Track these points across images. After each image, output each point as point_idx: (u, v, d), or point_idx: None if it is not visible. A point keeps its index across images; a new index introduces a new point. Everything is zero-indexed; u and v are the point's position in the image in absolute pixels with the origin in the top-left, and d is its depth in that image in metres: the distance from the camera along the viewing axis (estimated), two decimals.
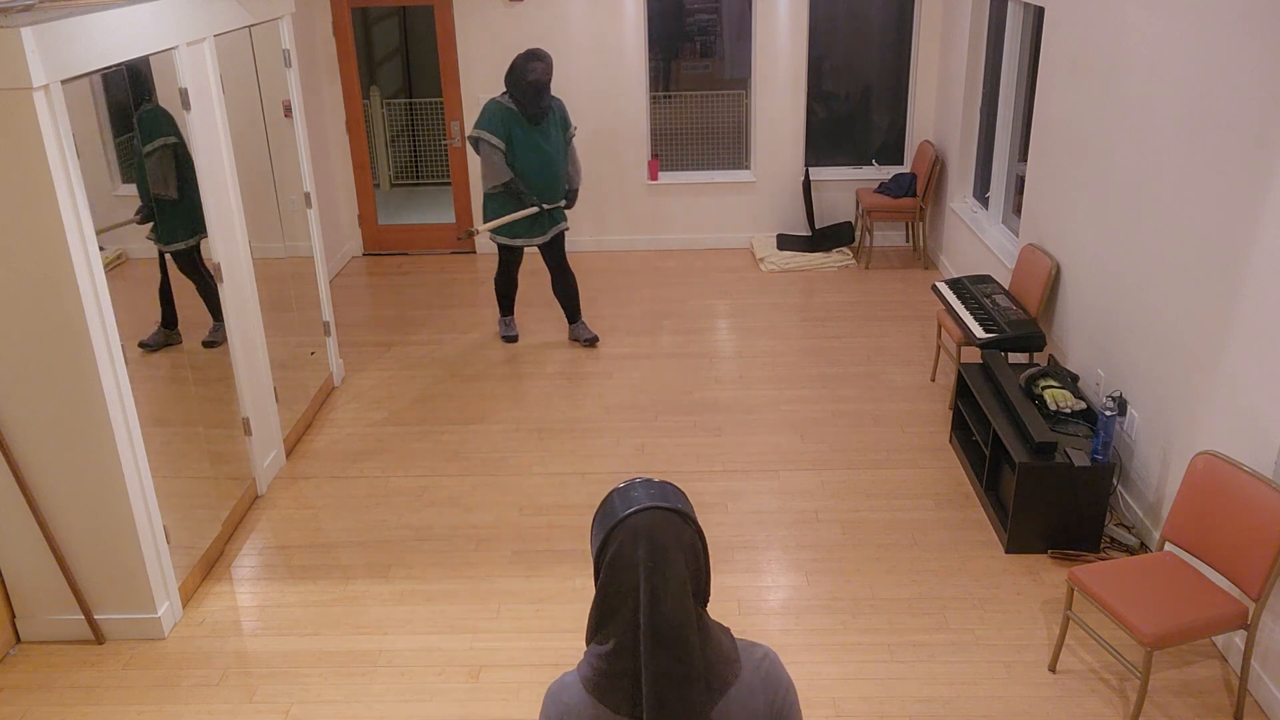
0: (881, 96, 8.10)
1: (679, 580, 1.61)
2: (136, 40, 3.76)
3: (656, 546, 1.62)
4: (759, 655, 1.72)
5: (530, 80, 5.82)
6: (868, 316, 6.78)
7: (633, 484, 1.71)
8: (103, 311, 3.53)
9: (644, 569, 1.61)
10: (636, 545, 1.62)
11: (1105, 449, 4.13)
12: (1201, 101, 3.86)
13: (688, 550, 1.65)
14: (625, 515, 1.64)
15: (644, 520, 1.63)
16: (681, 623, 1.60)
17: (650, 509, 1.64)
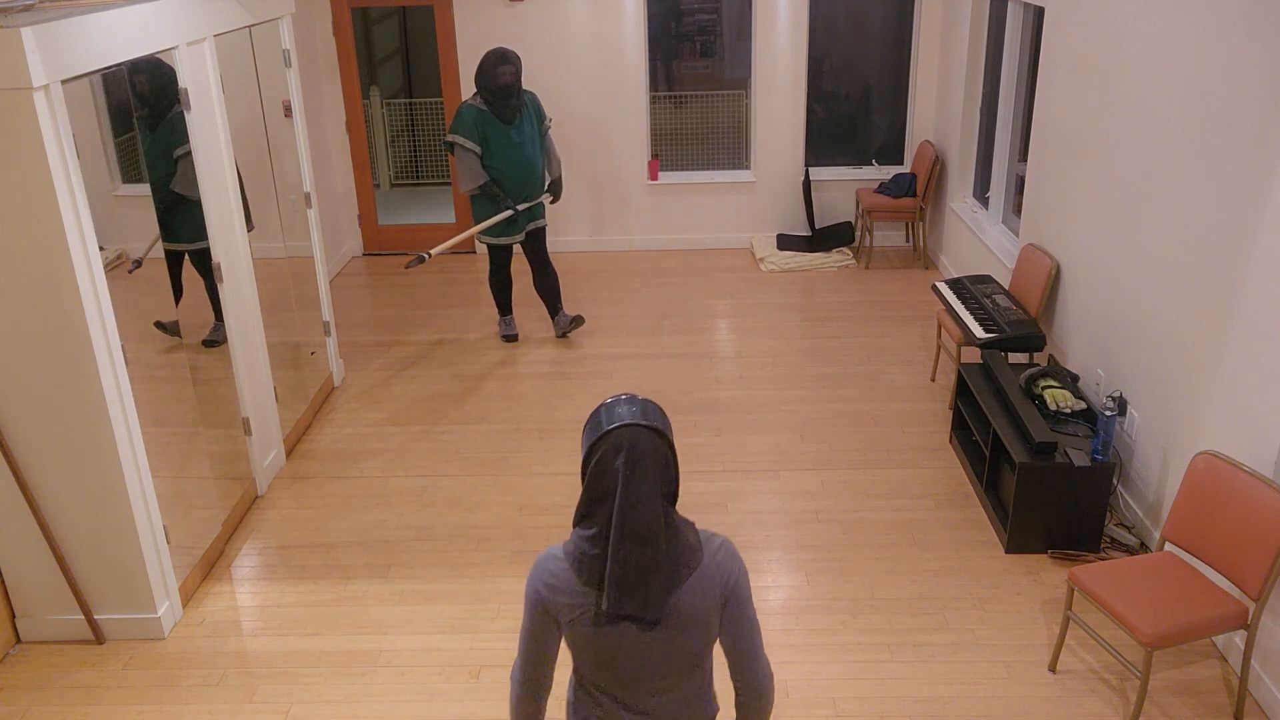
0: (881, 96, 8.10)
1: (651, 486, 1.92)
2: (136, 40, 3.76)
3: (634, 458, 1.91)
4: (716, 544, 2.02)
5: (501, 84, 5.86)
6: (868, 316, 6.78)
7: (618, 400, 2.00)
8: (103, 311, 3.53)
9: (622, 476, 1.90)
10: (617, 455, 1.92)
11: (1105, 449, 4.13)
12: (1201, 101, 3.86)
13: (660, 461, 1.94)
14: (609, 429, 1.93)
15: (625, 435, 1.92)
16: (651, 523, 1.91)
17: (631, 425, 1.93)
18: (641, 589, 1.92)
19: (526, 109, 6.04)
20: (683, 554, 1.96)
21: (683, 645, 1.98)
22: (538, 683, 2.06)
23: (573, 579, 1.96)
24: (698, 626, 1.97)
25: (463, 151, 5.95)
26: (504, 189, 6.06)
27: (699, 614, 1.97)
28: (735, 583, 2.00)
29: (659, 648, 1.98)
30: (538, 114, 6.13)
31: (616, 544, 1.91)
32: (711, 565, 1.99)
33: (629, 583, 1.91)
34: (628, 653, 1.98)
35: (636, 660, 1.99)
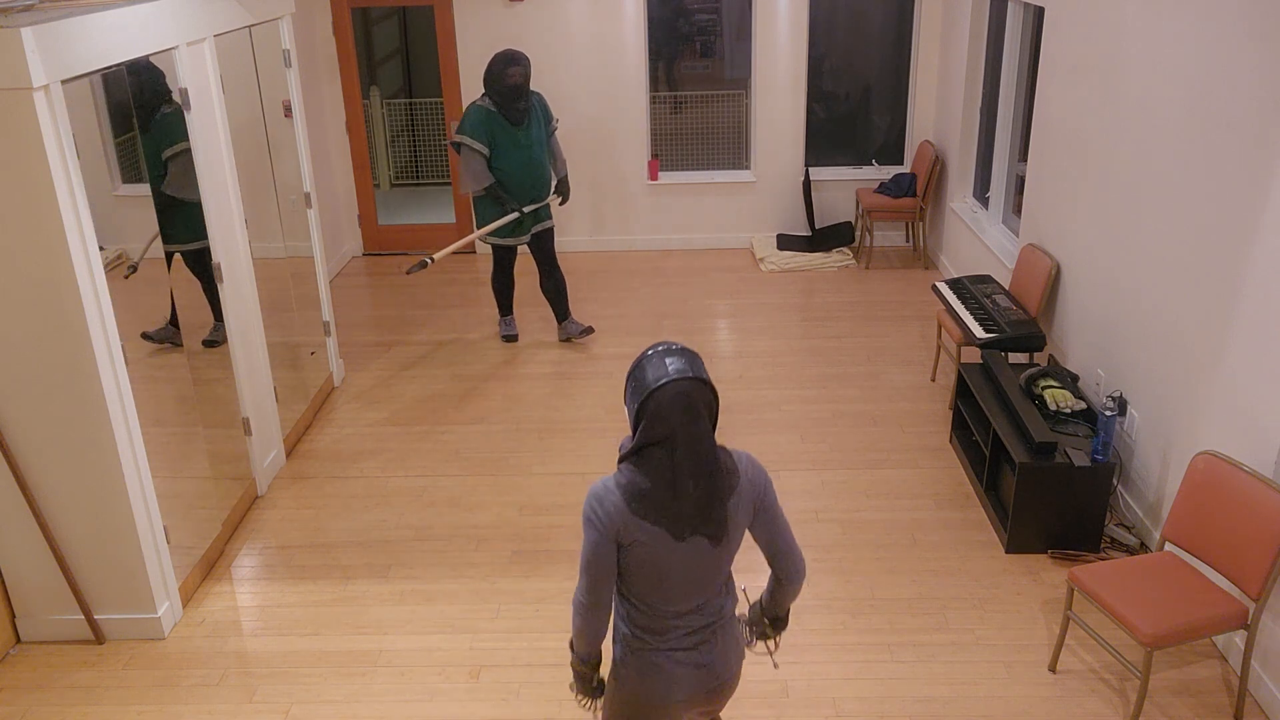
0: (881, 96, 8.10)
1: (706, 430, 2.27)
2: (136, 40, 3.76)
3: (692, 408, 2.24)
4: (745, 462, 2.37)
5: (509, 85, 5.81)
6: (868, 316, 6.78)
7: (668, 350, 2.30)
8: (103, 311, 3.53)
9: (683, 425, 2.23)
10: (674, 407, 2.22)
11: (1105, 449, 4.13)
12: (1201, 101, 3.86)
13: (709, 408, 2.29)
14: (663, 383, 2.23)
15: (682, 388, 2.23)
16: (710, 460, 2.27)
17: (686, 379, 2.24)
18: (708, 515, 2.28)
19: (535, 110, 6.00)
20: (728, 479, 2.31)
21: (728, 553, 2.35)
22: (603, 600, 2.36)
23: (625, 509, 2.26)
24: (739, 534, 2.34)
25: (469, 152, 5.91)
26: (510, 191, 6.02)
27: (740, 524, 2.34)
28: (765, 491, 2.37)
29: (712, 560, 2.33)
30: (545, 115, 6.10)
31: (684, 481, 2.25)
32: (745, 482, 2.33)
33: (701, 512, 2.27)
34: (686, 568, 2.31)
35: (690, 574, 2.33)
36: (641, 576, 2.33)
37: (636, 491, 2.27)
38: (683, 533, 2.28)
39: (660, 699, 2.43)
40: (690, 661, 2.42)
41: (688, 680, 2.42)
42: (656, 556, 2.30)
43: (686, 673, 2.42)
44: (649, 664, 2.42)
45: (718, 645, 2.45)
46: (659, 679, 2.41)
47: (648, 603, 2.38)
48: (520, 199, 6.06)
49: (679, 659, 2.41)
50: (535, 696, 3.60)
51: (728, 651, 2.47)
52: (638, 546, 2.29)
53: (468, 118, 5.91)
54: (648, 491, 2.26)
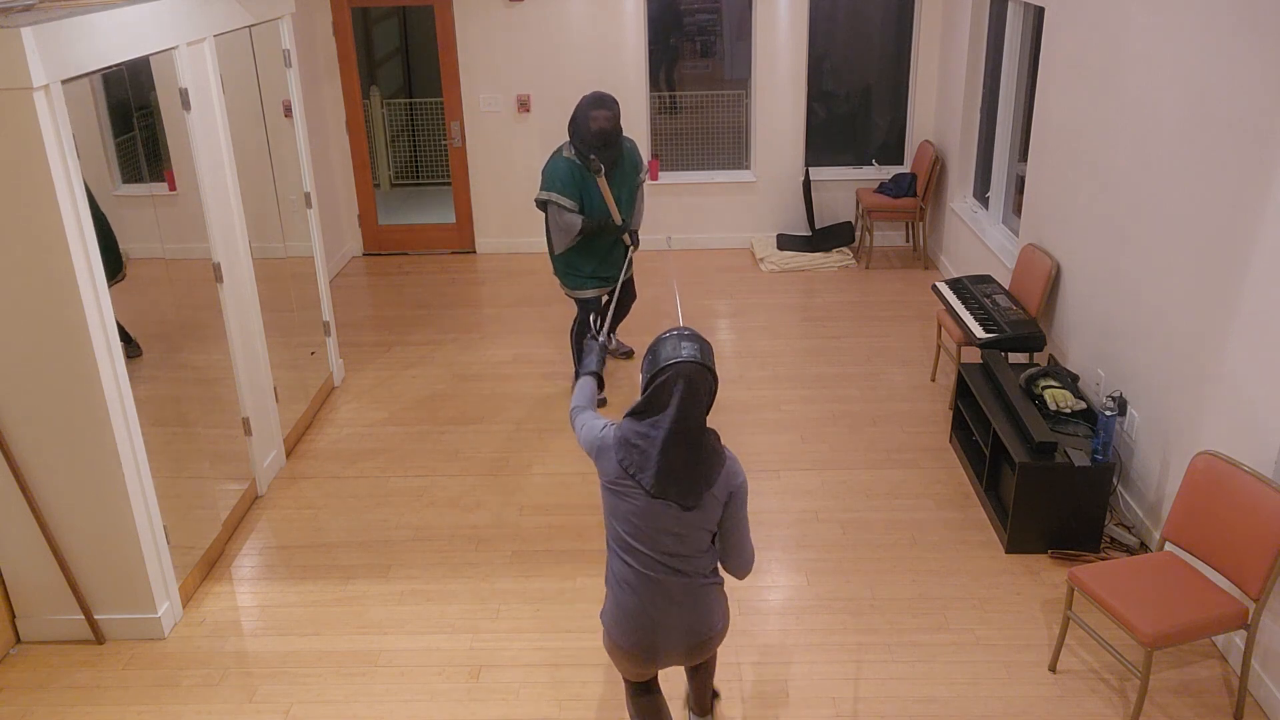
0: (881, 96, 8.10)
1: (700, 409, 2.68)
2: (136, 40, 3.76)
3: (691, 387, 2.66)
4: (731, 458, 2.76)
5: (595, 130, 5.15)
6: (868, 316, 6.78)
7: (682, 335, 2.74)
8: (103, 312, 3.53)
9: (679, 397, 2.65)
10: (677, 382, 2.66)
11: (1105, 449, 4.13)
12: (1201, 101, 3.86)
13: (708, 392, 2.71)
14: (675, 361, 2.68)
15: (686, 369, 2.67)
16: (696, 434, 2.66)
17: (692, 363, 2.67)
18: (683, 481, 2.65)
19: (624, 160, 5.37)
20: (714, 458, 2.70)
21: (700, 524, 2.71)
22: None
23: (614, 459, 2.70)
24: (712, 511, 2.71)
25: (558, 210, 5.24)
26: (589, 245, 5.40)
27: (714, 504, 2.70)
28: (739, 487, 2.75)
29: (683, 525, 2.69)
30: (634, 165, 5.45)
31: (668, 445, 2.64)
32: (726, 472, 2.72)
33: (675, 476, 2.64)
34: (659, 525, 2.69)
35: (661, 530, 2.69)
36: (620, 521, 2.72)
37: (629, 446, 2.68)
38: (658, 491, 2.65)
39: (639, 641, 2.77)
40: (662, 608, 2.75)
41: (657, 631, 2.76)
42: (633, 507, 2.69)
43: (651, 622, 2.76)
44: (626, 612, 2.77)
45: (692, 602, 2.76)
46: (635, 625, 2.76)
47: (626, 551, 2.74)
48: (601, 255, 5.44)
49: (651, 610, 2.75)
50: (535, 696, 3.60)
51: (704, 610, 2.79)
52: (618, 493, 2.70)
53: (551, 173, 5.25)
54: (638, 448, 2.67)
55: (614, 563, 2.79)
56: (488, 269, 7.91)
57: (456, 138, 7.95)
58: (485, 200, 8.14)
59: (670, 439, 2.64)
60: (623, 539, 2.73)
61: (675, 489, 2.64)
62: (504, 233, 8.24)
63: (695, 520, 2.68)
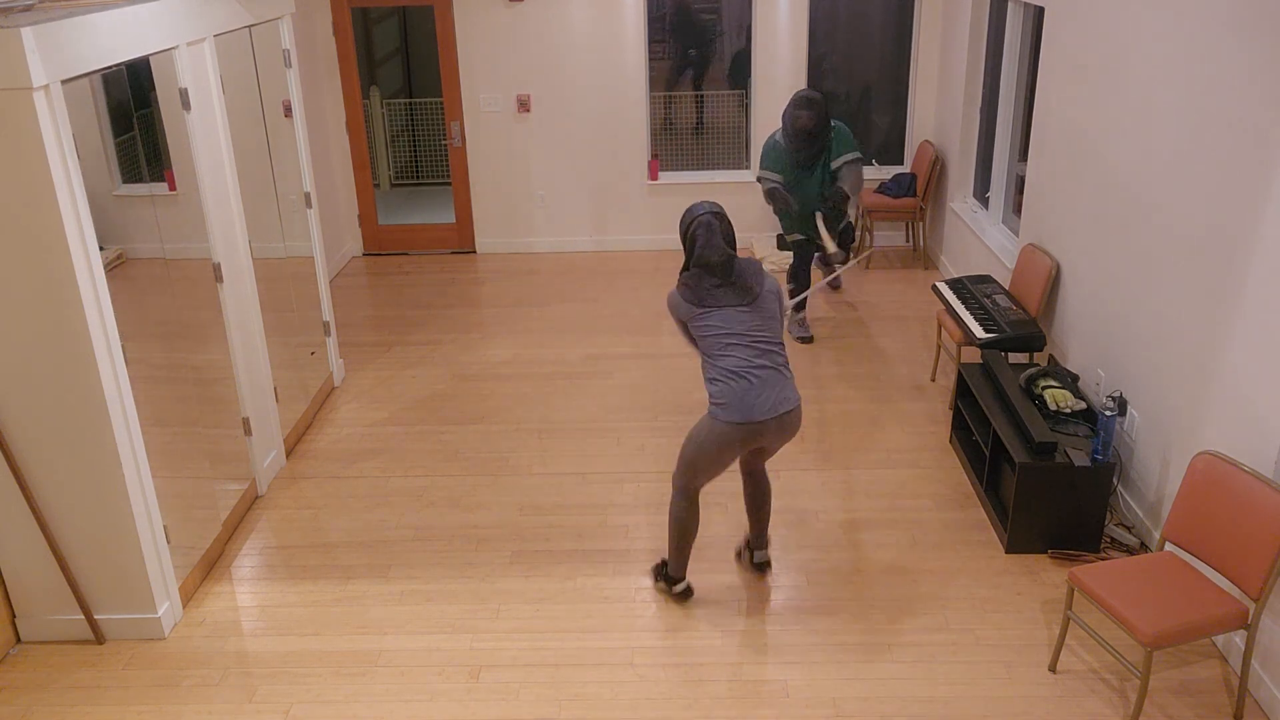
0: (881, 96, 8.09)
1: (719, 240, 3.70)
2: (136, 40, 3.77)
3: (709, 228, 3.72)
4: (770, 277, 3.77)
5: (797, 128, 5.82)
6: (868, 316, 6.78)
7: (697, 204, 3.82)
8: (103, 311, 3.53)
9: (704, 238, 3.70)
10: (698, 228, 3.73)
11: (1105, 449, 4.13)
12: (1201, 101, 3.86)
13: (725, 230, 3.74)
14: (695, 216, 3.77)
15: (701, 218, 3.75)
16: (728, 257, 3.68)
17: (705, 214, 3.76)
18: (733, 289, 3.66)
19: (827, 153, 5.99)
20: (755, 271, 3.71)
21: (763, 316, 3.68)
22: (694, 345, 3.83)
23: (682, 302, 3.71)
24: (770, 302, 3.71)
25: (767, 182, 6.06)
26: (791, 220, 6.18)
27: (770, 299, 3.72)
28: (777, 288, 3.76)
29: (751, 319, 3.66)
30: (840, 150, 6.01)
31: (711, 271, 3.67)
32: (768, 279, 3.73)
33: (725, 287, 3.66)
34: (733, 325, 3.64)
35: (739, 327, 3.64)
36: (709, 338, 3.65)
37: (686, 288, 3.69)
38: (720, 302, 3.64)
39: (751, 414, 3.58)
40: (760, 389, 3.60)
41: (762, 401, 3.59)
42: (711, 321, 3.64)
43: (760, 395, 3.59)
44: (734, 392, 3.60)
45: (778, 382, 3.63)
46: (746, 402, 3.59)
47: (721, 356, 3.63)
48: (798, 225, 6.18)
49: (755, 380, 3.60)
50: (535, 697, 3.60)
51: (786, 389, 3.65)
52: (703, 320, 3.66)
53: (765, 150, 6.08)
54: (690, 286, 3.68)
55: (718, 367, 3.63)
56: (488, 269, 7.92)
57: (456, 138, 7.95)
58: (485, 200, 8.14)
59: (716, 263, 3.64)
60: (722, 344, 3.63)
61: (735, 294, 3.63)
62: (504, 233, 8.24)
63: (762, 312, 3.66)
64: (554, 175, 8.05)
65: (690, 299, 3.66)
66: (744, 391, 3.59)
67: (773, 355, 3.65)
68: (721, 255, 3.64)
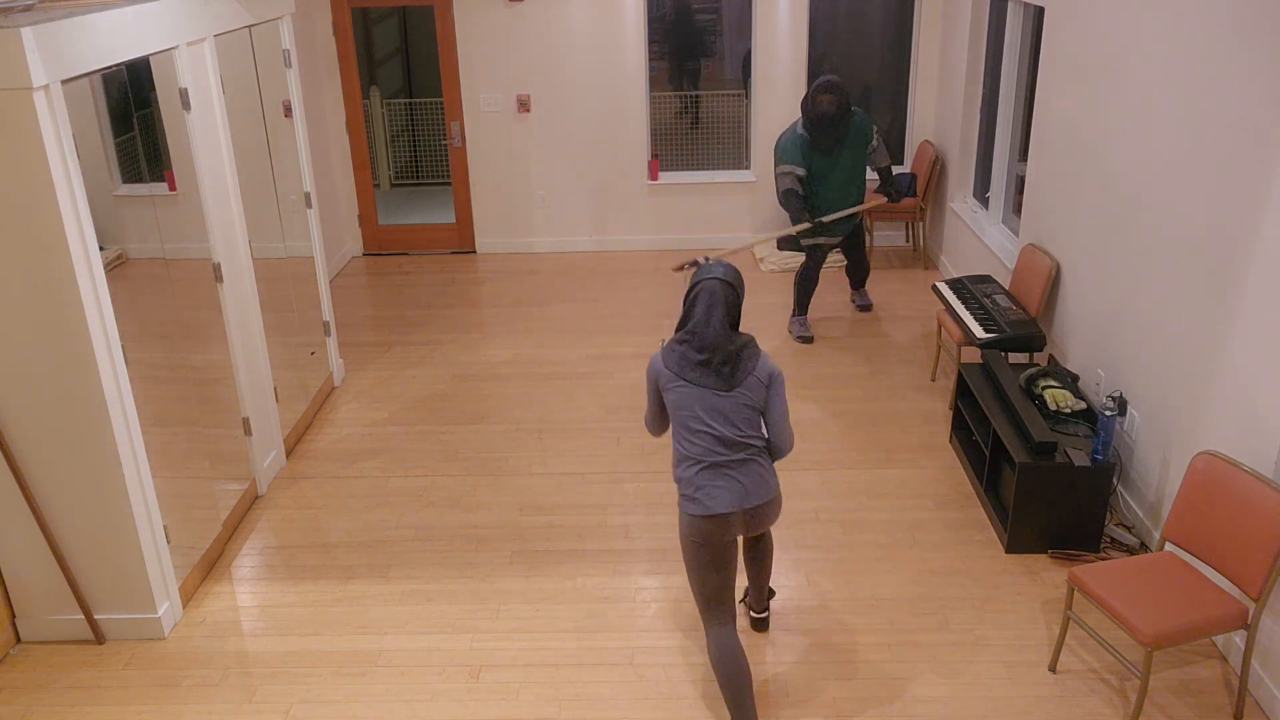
0: (881, 96, 8.10)
1: (722, 313, 3.28)
2: (136, 40, 3.77)
3: (712, 296, 3.29)
4: (765, 355, 3.33)
5: (819, 113, 5.85)
6: (868, 316, 6.78)
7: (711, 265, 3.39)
8: (103, 311, 3.53)
9: (704, 305, 3.29)
10: (701, 294, 3.31)
11: (1105, 449, 4.13)
12: (1201, 101, 3.86)
13: (728, 301, 3.30)
14: (700, 279, 3.34)
15: (709, 284, 3.31)
16: (719, 335, 3.26)
17: (710, 279, 3.33)
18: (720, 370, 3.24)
19: (849, 136, 6.02)
20: (748, 355, 3.28)
21: (746, 400, 3.26)
22: (660, 423, 3.47)
23: (663, 366, 3.31)
24: (755, 389, 3.28)
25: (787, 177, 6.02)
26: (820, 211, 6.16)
27: (758, 384, 3.28)
28: (774, 376, 3.31)
29: (724, 405, 3.25)
30: (864, 137, 6.09)
31: (703, 345, 3.25)
32: (763, 364, 3.30)
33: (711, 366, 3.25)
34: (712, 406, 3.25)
35: (721, 409, 3.25)
36: (682, 413, 3.28)
37: (672, 353, 3.30)
38: (697, 380, 3.24)
39: (712, 507, 3.22)
40: (725, 481, 3.25)
41: (726, 494, 3.24)
42: (687, 397, 3.26)
43: (724, 487, 3.24)
44: (696, 488, 3.26)
45: (749, 473, 3.27)
46: (705, 495, 3.24)
47: (688, 440, 3.28)
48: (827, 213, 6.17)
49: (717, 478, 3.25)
50: (535, 697, 3.60)
51: (759, 480, 3.29)
52: (677, 391, 3.28)
53: (783, 144, 6.03)
54: (679, 352, 3.29)
55: (679, 449, 3.33)
56: (488, 269, 7.92)
57: (456, 138, 7.95)
58: (485, 200, 8.14)
59: (704, 341, 3.25)
60: (687, 427, 3.28)
61: (713, 377, 3.23)
62: (504, 233, 8.24)
63: (739, 399, 3.25)
64: (554, 175, 8.05)
65: (670, 365, 3.28)
66: (707, 481, 3.24)
67: (746, 446, 3.26)
68: (713, 336, 3.23)
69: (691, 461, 3.27)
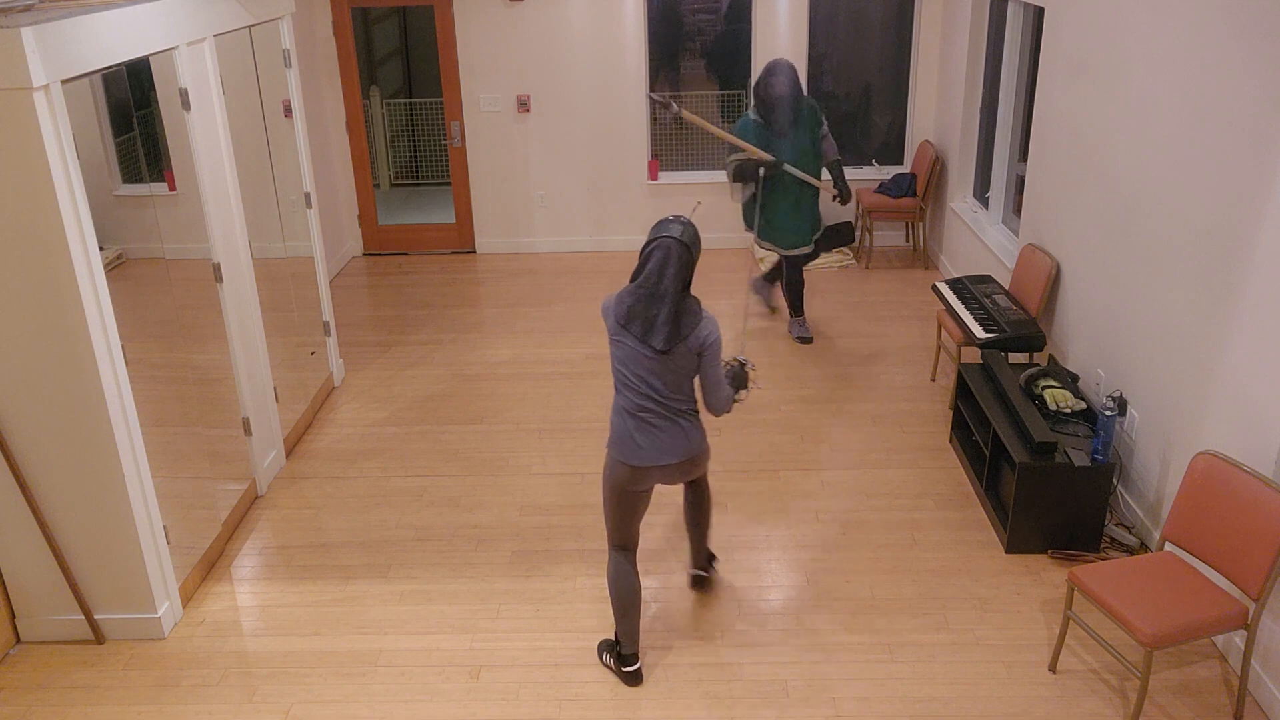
0: (881, 96, 8.09)
1: (673, 274, 3.28)
2: (136, 40, 3.77)
3: (667, 255, 3.29)
4: (707, 318, 3.36)
5: (773, 94, 5.82)
6: (868, 316, 6.78)
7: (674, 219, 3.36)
8: (103, 311, 3.53)
9: (655, 263, 3.29)
10: (656, 252, 3.30)
11: (1105, 449, 4.13)
12: (1201, 101, 3.86)
13: (681, 262, 3.29)
14: (658, 236, 3.32)
15: (665, 242, 3.30)
16: (676, 294, 3.29)
17: (668, 237, 3.30)
18: (660, 332, 3.28)
19: (803, 118, 5.95)
20: (689, 316, 3.31)
21: (676, 367, 3.35)
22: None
23: (613, 314, 3.36)
24: (685, 358, 3.34)
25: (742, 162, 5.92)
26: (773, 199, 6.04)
27: (688, 351, 3.33)
28: (707, 346, 3.35)
29: (660, 366, 3.33)
30: (815, 121, 6.02)
31: (650, 301, 3.28)
32: (699, 332, 3.32)
33: (653, 327, 3.28)
34: (645, 366, 3.34)
35: (652, 370, 3.34)
36: (619, 364, 3.39)
37: (621, 303, 3.34)
38: (640, 338, 3.30)
39: (630, 459, 3.42)
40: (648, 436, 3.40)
41: (647, 449, 3.40)
42: (625, 353, 3.35)
43: (647, 442, 3.40)
44: (621, 436, 3.43)
45: (671, 431, 3.42)
46: (627, 445, 3.42)
47: (620, 390, 3.42)
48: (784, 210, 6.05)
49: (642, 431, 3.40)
50: (535, 697, 3.60)
51: (681, 438, 3.44)
52: (617, 342, 3.37)
53: (736, 133, 5.94)
54: (628, 305, 3.32)
55: (616, 398, 3.46)
56: (488, 269, 7.92)
57: (456, 138, 7.95)
58: (485, 200, 8.14)
59: (651, 297, 3.28)
60: (622, 379, 3.39)
61: (654, 337, 3.28)
62: (504, 233, 8.24)
63: (670, 364, 3.32)
64: (554, 175, 8.05)
65: (619, 315, 3.33)
66: (631, 432, 3.41)
67: (671, 407, 3.39)
68: (661, 292, 3.27)
69: (622, 411, 3.44)
